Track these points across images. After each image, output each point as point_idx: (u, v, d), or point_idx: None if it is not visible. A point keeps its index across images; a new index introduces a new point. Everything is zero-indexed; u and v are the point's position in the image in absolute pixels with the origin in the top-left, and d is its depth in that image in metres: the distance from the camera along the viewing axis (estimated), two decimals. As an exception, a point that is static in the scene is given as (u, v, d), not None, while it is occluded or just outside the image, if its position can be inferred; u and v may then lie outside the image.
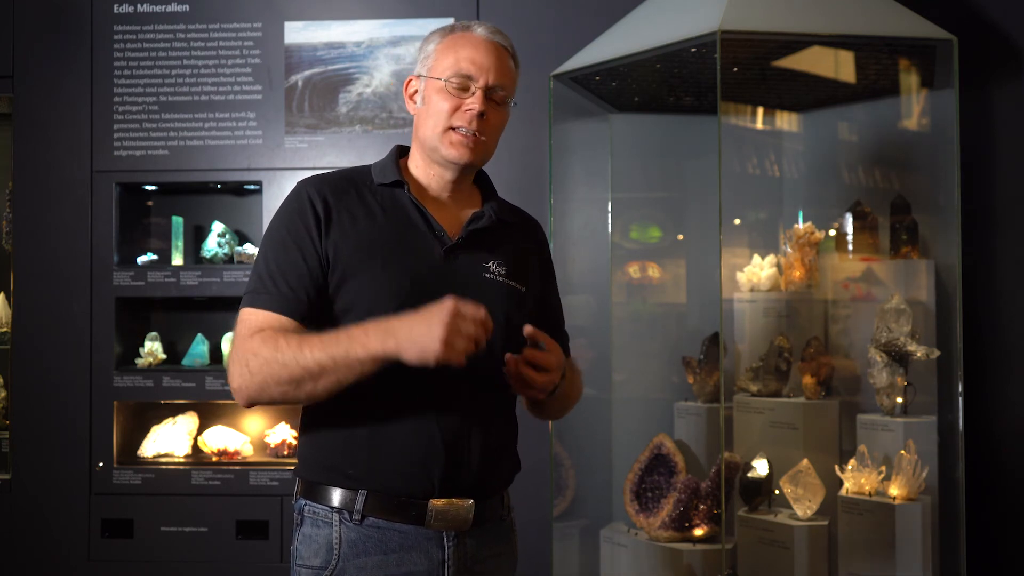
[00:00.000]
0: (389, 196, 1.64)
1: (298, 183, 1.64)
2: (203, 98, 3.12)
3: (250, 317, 1.54)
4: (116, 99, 3.12)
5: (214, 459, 3.10)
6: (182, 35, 3.13)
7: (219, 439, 3.12)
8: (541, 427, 2.88)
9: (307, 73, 3.11)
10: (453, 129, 1.62)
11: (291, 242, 1.57)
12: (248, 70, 3.12)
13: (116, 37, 3.13)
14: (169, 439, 3.14)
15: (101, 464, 3.05)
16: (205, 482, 3.03)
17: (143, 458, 3.13)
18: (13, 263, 3.13)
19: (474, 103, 1.61)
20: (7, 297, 3.26)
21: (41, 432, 3.07)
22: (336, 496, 1.56)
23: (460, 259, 1.62)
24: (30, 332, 3.10)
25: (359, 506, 1.55)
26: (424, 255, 1.60)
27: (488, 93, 1.63)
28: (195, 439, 3.17)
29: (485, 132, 1.64)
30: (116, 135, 3.11)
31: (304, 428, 1.64)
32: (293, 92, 3.11)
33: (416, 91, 1.69)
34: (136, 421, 3.19)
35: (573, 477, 3.10)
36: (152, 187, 3.23)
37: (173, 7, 3.14)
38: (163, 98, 3.12)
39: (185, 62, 3.13)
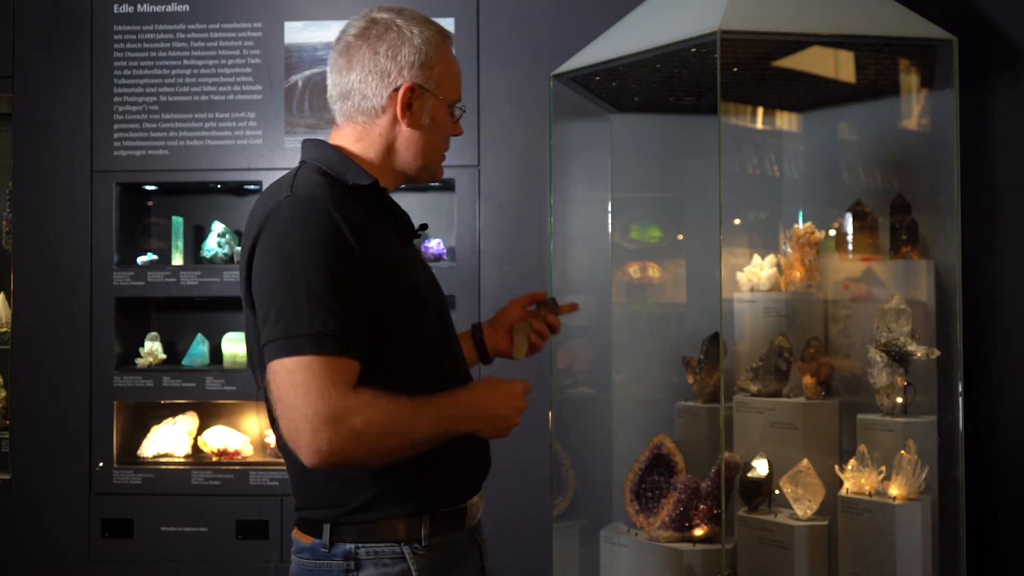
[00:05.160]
0: (375, 199, 1.51)
1: (309, 202, 1.39)
2: (203, 98, 3.12)
3: (323, 367, 1.30)
4: (116, 99, 3.12)
5: (214, 459, 3.10)
6: (182, 35, 3.13)
7: (219, 439, 3.12)
8: (541, 427, 2.87)
9: (307, 73, 3.11)
10: None
11: (339, 276, 1.35)
12: (248, 70, 3.12)
13: (116, 37, 3.13)
14: (169, 439, 3.14)
15: (101, 464, 3.05)
16: (205, 482, 3.03)
17: (143, 458, 3.13)
18: (13, 263, 3.12)
19: (459, 129, 1.60)
20: (7, 297, 3.26)
21: (41, 432, 3.07)
22: (401, 527, 1.44)
23: (416, 251, 1.62)
24: (30, 332, 3.10)
25: (426, 531, 1.45)
26: (416, 262, 1.58)
27: None
28: (195, 439, 3.17)
29: None
30: (116, 135, 3.11)
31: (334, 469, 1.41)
32: (293, 92, 3.11)
33: (420, 105, 1.51)
34: (136, 421, 3.19)
35: (573, 477, 3.09)
36: (152, 187, 3.23)
37: (173, 7, 3.14)
38: (163, 98, 3.12)
39: (185, 62, 3.13)
